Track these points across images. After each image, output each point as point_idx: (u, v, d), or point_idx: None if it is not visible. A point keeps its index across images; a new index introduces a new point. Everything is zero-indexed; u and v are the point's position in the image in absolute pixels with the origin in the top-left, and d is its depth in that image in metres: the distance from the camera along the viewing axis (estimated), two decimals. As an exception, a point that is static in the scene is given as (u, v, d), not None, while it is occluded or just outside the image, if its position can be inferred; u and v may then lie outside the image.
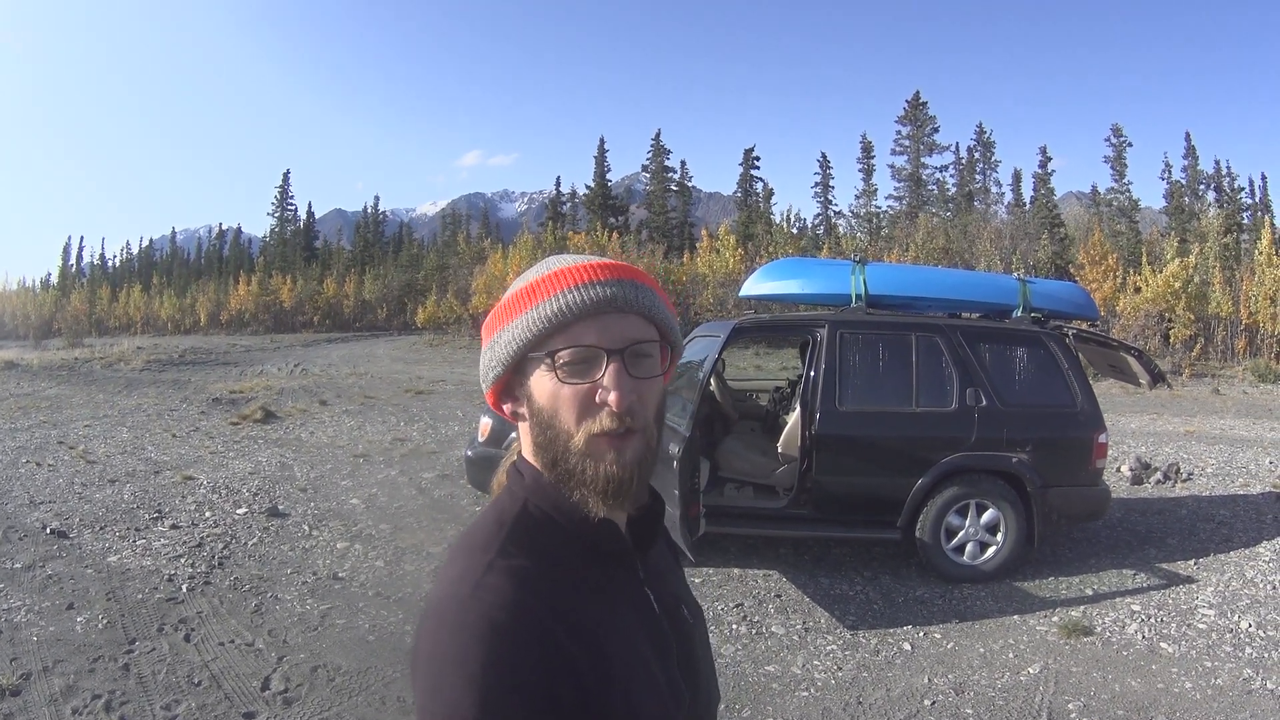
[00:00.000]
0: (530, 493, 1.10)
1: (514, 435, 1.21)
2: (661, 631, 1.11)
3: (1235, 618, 5.55)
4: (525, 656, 0.92)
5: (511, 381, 1.11)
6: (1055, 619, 5.61)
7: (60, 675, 4.75)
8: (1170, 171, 47.84)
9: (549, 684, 0.92)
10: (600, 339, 1.04)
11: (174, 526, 7.76)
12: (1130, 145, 48.93)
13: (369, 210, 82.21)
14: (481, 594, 0.96)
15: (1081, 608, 5.82)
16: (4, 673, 4.75)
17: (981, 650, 5.17)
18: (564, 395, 1.05)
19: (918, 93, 55.71)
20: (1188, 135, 60.55)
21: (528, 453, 1.13)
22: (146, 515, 8.14)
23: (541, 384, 1.06)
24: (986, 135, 54.71)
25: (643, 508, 1.16)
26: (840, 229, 53.94)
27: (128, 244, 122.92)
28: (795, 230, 48.26)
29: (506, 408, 1.14)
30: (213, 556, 6.92)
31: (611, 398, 1.03)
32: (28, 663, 4.91)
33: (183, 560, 6.81)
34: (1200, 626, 5.45)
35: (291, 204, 79.79)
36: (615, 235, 40.89)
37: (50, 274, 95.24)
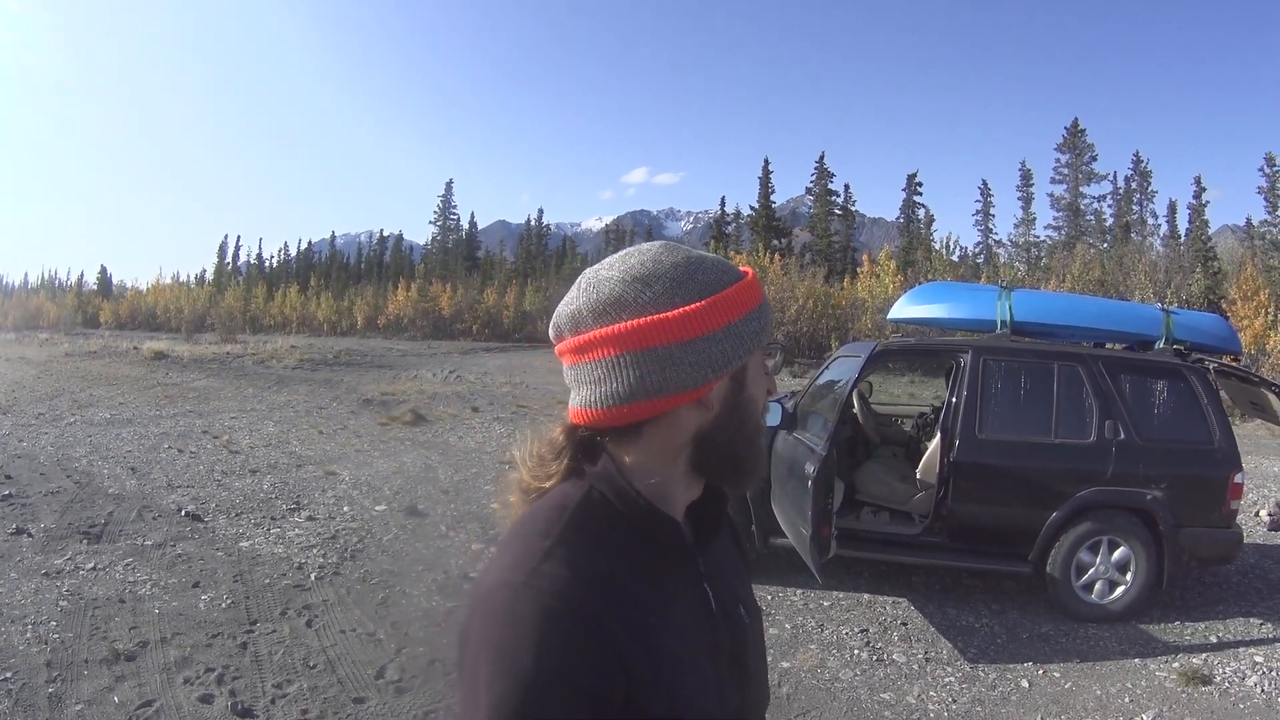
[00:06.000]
0: (597, 479, 1.09)
1: None
2: (716, 629, 1.13)
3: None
4: (578, 649, 0.93)
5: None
6: (1176, 665, 5.59)
7: (177, 647, 4.97)
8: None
9: (599, 679, 0.93)
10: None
11: (310, 518, 8.08)
12: (1284, 175, 45.99)
13: (532, 222, 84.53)
14: (537, 581, 0.96)
15: (1204, 655, 5.80)
16: (121, 639, 5.01)
17: (1098, 692, 5.20)
18: (762, 386, 1.12)
19: (1076, 120, 55.90)
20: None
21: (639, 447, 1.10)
22: (284, 505, 8.52)
23: (756, 375, 1.11)
24: (1143, 165, 54.53)
25: (703, 497, 1.18)
26: (1000, 258, 54.38)
27: (285, 245, 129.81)
28: (955, 258, 48.21)
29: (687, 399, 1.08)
30: (346, 549, 7.16)
31: (773, 384, 1.15)
32: (146, 632, 5.17)
33: (315, 550, 7.07)
34: (1317, 683, 5.33)
35: (454, 213, 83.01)
36: (778, 257, 41.60)
37: (205, 270, 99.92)
